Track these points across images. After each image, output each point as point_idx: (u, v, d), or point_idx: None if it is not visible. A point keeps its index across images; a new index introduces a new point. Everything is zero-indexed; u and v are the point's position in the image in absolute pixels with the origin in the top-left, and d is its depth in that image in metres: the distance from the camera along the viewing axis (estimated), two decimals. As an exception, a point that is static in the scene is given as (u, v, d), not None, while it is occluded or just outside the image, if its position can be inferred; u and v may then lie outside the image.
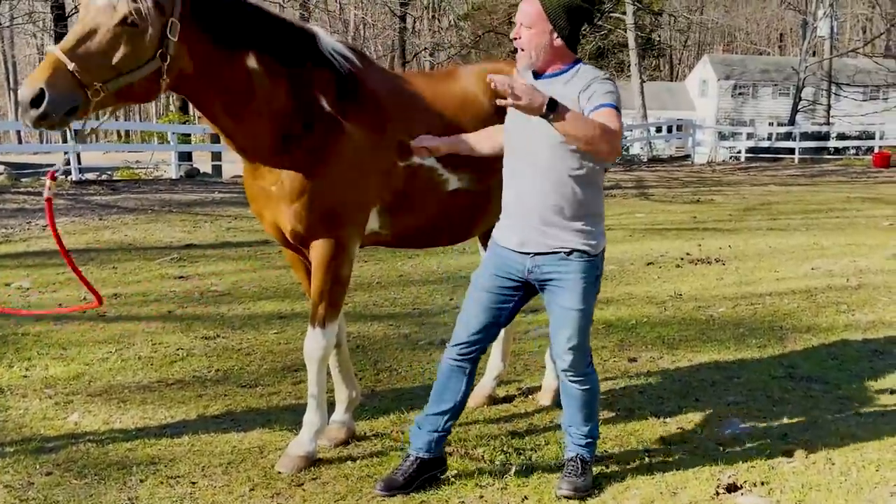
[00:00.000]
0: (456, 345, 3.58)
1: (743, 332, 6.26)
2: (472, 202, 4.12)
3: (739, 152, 33.63)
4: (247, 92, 3.49)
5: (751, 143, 33.54)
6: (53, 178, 3.63)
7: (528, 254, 3.41)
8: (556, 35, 3.28)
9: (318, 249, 3.71)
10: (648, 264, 9.29)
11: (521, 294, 3.53)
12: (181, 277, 8.41)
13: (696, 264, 9.28)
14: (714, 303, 7.29)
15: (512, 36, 3.34)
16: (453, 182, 4.01)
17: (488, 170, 3.88)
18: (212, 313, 6.89)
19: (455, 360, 3.59)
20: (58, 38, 20.61)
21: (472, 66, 4.41)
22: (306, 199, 3.62)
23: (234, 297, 7.51)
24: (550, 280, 3.41)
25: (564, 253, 3.37)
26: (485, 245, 4.84)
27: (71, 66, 3.03)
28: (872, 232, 11.91)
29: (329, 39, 3.75)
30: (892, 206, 15.33)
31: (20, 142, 32.32)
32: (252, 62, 3.48)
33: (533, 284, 3.49)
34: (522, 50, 3.33)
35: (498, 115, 4.01)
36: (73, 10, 23.92)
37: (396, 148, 3.80)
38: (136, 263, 9.22)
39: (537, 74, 3.38)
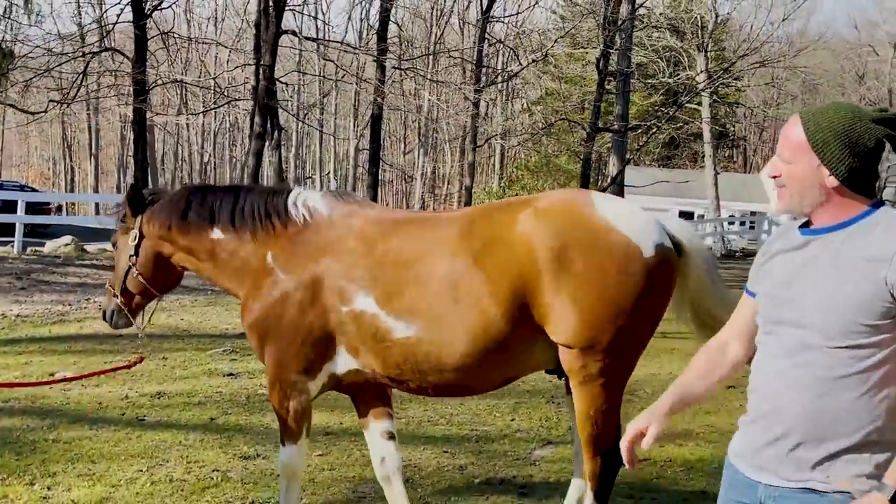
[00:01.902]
0: None
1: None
2: (437, 351, 3.66)
3: (816, 250, 32.48)
4: (212, 257, 4.27)
5: (828, 241, 32.29)
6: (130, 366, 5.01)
7: (761, 482, 2.32)
8: (827, 173, 2.24)
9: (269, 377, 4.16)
10: (729, 387, 8.49)
11: None
12: (230, 375, 8.02)
13: (780, 390, 8.49)
14: (806, 444, 6.54)
15: (769, 174, 2.39)
16: (400, 329, 3.69)
17: (448, 321, 3.61)
18: (255, 424, 6.44)
19: None
20: (135, 112, 21.09)
21: (490, 204, 4.26)
22: (256, 339, 4.10)
23: (282, 404, 7.05)
24: None
25: (818, 492, 2.23)
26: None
27: (108, 286, 4.64)
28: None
29: (304, 194, 4.13)
30: None
31: (97, 213, 33.49)
32: (215, 233, 4.23)
33: None
34: (783, 188, 2.34)
35: (484, 260, 3.66)
36: (154, 83, 24.57)
37: (340, 292, 3.82)
38: (187, 354, 8.89)
39: (807, 224, 2.33)
